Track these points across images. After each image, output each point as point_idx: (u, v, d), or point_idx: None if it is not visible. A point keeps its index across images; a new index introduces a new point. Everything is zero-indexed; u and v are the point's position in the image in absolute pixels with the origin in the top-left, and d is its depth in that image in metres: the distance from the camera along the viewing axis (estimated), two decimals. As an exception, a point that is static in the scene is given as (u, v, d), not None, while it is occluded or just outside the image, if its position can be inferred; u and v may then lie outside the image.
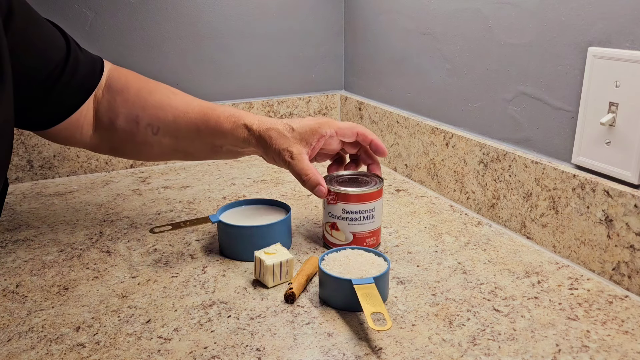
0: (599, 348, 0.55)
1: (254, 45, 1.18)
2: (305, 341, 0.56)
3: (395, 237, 0.80)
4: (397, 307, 0.62)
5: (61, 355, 0.54)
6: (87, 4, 1.03)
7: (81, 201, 0.95)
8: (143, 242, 0.79)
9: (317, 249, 0.76)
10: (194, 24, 1.12)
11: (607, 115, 0.66)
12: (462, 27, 0.88)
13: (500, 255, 0.74)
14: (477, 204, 0.87)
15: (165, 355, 0.54)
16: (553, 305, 0.62)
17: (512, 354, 0.54)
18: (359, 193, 0.71)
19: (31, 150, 1.04)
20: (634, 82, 0.62)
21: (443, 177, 0.95)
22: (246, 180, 1.05)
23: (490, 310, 0.61)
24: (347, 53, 1.26)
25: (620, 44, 0.64)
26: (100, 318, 0.60)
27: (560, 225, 0.73)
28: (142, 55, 1.09)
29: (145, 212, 0.90)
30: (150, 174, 1.09)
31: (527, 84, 0.78)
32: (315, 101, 1.26)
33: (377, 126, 1.13)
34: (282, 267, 0.66)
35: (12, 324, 0.60)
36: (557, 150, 0.75)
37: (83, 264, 0.73)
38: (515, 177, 0.79)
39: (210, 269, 0.71)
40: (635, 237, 0.63)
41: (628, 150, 0.64)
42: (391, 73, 1.10)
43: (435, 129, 0.95)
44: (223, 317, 0.60)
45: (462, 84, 0.90)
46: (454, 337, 0.56)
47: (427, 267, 0.71)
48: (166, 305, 0.63)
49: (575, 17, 0.69)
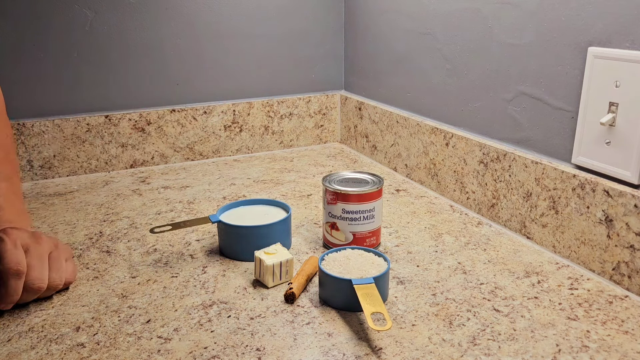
0: (599, 348, 0.55)
1: (254, 45, 1.18)
2: (305, 341, 0.56)
3: (395, 237, 0.80)
4: (397, 307, 0.62)
5: (61, 355, 0.54)
6: (87, 4, 1.03)
7: (81, 201, 0.95)
8: (143, 242, 0.79)
9: (317, 249, 0.76)
10: (194, 24, 1.12)
11: (607, 115, 0.66)
12: (462, 27, 0.88)
13: (500, 255, 0.74)
14: (477, 204, 0.87)
15: (165, 355, 0.54)
16: (553, 305, 0.62)
17: (512, 354, 0.54)
18: (359, 193, 0.71)
19: (31, 150, 1.04)
20: (634, 82, 0.62)
21: (443, 177, 0.95)
22: (246, 180, 1.05)
23: (490, 310, 0.61)
24: (347, 53, 1.26)
25: (620, 44, 0.64)
26: (100, 318, 0.60)
27: (560, 225, 0.73)
28: (142, 55, 1.09)
29: (145, 212, 0.90)
30: (150, 174, 1.09)
31: (527, 84, 0.78)
32: (315, 101, 1.26)
33: (377, 126, 1.13)
34: (282, 267, 0.66)
35: (12, 324, 0.60)
36: (557, 150, 0.75)
37: (83, 264, 0.73)
38: (515, 177, 0.79)
39: (210, 269, 0.71)
40: (635, 237, 0.63)
41: (628, 150, 0.64)
42: (391, 73, 1.10)
43: (435, 129, 0.95)
44: (223, 317, 0.60)
45: (462, 84, 0.90)
46: (454, 337, 0.56)
47: (427, 267, 0.71)
48: (166, 305, 0.63)
49: (575, 17, 0.69)
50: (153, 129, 1.12)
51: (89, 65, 1.06)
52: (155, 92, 1.12)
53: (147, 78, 1.11)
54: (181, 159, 1.16)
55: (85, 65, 1.06)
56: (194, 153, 1.17)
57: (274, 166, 1.14)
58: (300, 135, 1.26)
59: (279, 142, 1.25)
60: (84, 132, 1.07)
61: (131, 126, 1.10)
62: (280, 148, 1.25)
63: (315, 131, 1.28)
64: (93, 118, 1.07)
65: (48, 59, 1.03)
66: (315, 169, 1.11)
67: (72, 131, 1.06)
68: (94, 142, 1.08)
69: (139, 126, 1.10)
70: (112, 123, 1.08)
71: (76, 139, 1.06)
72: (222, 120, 1.17)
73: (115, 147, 1.10)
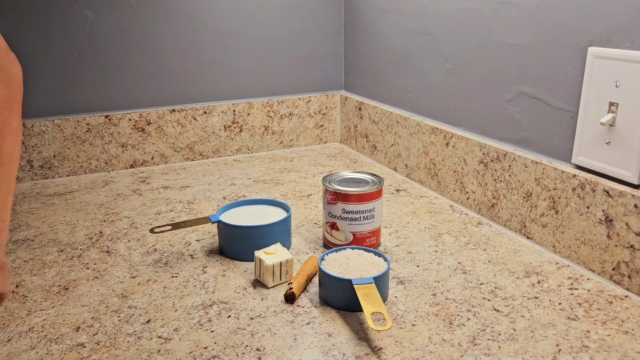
0: (599, 348, 0.55)
1: (254, 45, 1.18)
2: (305, 341, 0.56)
3: (395, 237, 0.80)
4: (397, 307, 0.62)
5: (61, 355, 0.54)
6: (87, 4, 1.03)
7: (81, 201, 0.95)
8: (143, 242, 0.79)
9: (317, 249, 0.76)
10: (194, 24, 1.12)
11: (607, 115, 0.66)
12: (462, 27, 0.88)
13: (500, 255, 0.74)
14: (477, 204, 0.87)
15: (165, 355, 0.54)
16: (553, 305, 0.62)
17: (512, 354, 0.54)
18: (359, 193, 0.71)
19: (31, 150, 1.04)
20: (634, 82, 0.62)
21: (443, 177, 0.95)
22: (246, 180, 1.05)
23: (490, 310, 0.61)
24: (347, 53, 1.26)
25: (620, 44, 0.64)
26: (100, 318, 0.60)
27: (560, 225, 0.73)
28: (142, 55, 1.09)
29: (145, 212, 0.90)
30: (150, 174, 1.09)
31: (527, 84, 0.78)
32: (315, 101, 1.26)
33: (377, 126, 1.13)
34: (282, 267, 0.66)
35: (12, 324, 0.60)
36: (557, 150, 0.75)
37: (83, 264, 0.73)
38: (515, 177, 0.79)
39: (210, 269, 0.71)
40: (635, 237, 0.63)
41: (628, 150, 0.64)
42: (391, 73, 1.10)
43: (435, 129, 0.95)
44: (223, 317, 0.60)
45: (462, 84, 0.90)
46: (454, 337, 0.56)
47: (427, 267, 0.71)
48: (166, 305, 0.63)
49: (575, 17, 0.69)
50: (153, 129, 1.12)
51: (89, 65, 1.06)
52: (155, 92, 1.12)
53: (147, 78, 1.11)
54: (181, 159, 1.16)
55: (85, 65, 1.06)
56: (194, 153, 1.17)
57: (274, 166, 1.14)
58: (300, 135, 1.26)
59: (279, 142, 1.25)
60: (84, 132, 1.07)
61: (131, 126, 1.10)
62: (280, 148, 1.25)
63: (315, 131, 1.28)
64: (93, 118, 1.07)
65: (48, 59, 1.03)
66: (315, 169, 1.11)
67: (72, 131, 1.06)
68: (94, 142, 1.08)
69: (139, 126, 1.10)
70: (112, 123, 1.08)
71: (76, 139, 1.06)
72: (222, 120, 1.17)
73: (115, 147, 1.10)
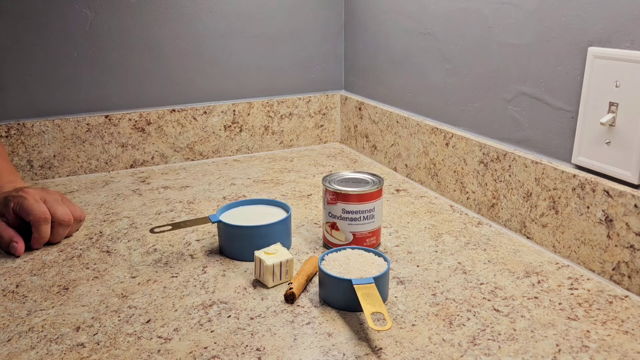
0: (599, 348, 0.55)
1: (254, 45, 1.18)
2: (305, 341, 0.56)
3: (395, 237, 0.80)
4: (397, 307, 0.62)
5: (61, 355, 0.54)
6: (87, 4, 1.03)
7: (81, 201, 0.95)
8: (143, 242, 0.79)
9: (317, 249, 0.76)
10: (194, 24, 1.12)
11: (607, 115, 0.66)
12: (462, 27, 0.88)
13: (500, 255, 0.74)
14: (477, 204, 0.87)
15: (165, 355, 0.54)
16: (553, 305, 0.62)
17: (512, 354, 0.54)
18: (359, 193, 0.71)
19: (31, 150, 1.04)
20: (634, 82, 0.62)
21: (443, 177, 0.95)
22: (246, 180, 1.05)
23: (490, 310, 0.61)
24: (347, 53, 1.26)
25: (620, 44, 0.64)
26: (100, 318, 0.60)
27: (560, 225, 0.73)
28: (142, 55, 1.09)
29: (145, 212, 0.90)
30: (150, 174, 1.09)
31: (527, 84, 0.78)
32: (315, 101, 1.26)
33: (377, 126, 1.13)
34: (282, 267, 0.66)
35: (12, 324, 0.60)
36: (557, 150, 0.75)
37: (83, 264, 0.73)
38: (515, 177, 0.79)
39: (210, 269, 0.71)
40: (635, 237, 0.63)
41: (628, 150, 0.64)
42: (391, 73, 1.10)
43: (435, 129, 0.95)
44: (223, 317, 0.60)
45: (462, 84, 0.90)
46: (454, 337, 0.56)
47: (427, 267, 0.71)
48: (166, 305, 0.63)
49: (575, 17, 0.69)
50: (153, 129, 1.12)
51: (89, 65, 1.06)
52: (155, 92, 1.12)
53: (147, 78, 1.11)
54: (181, 159, 1.16)
55: (85, 65, 1.06)
56: (194, 153, 1.17)
57: (274, 166, 1.14)
58: (300, 135, 1.26)
59: (279, 142, 1.25)
60: (84, 132, 1.07)
61: (131, 126, 1.10)
62: (280, 148, 1.25)
63: (315, 131, 1.28)
64: (93, 118, 1.07)
65: (48, 59, 1.03)
66: (315, 169, 1.11)
67: (72, 131, 1.06)
68: (94, 142, 1.08)
69: (139, 126, 1.10)
70: (112, 123, 1.08)
71: (76, 139, 1.06)
72: (222, 120, 1.17)
73: (115, 147, 1.10)
